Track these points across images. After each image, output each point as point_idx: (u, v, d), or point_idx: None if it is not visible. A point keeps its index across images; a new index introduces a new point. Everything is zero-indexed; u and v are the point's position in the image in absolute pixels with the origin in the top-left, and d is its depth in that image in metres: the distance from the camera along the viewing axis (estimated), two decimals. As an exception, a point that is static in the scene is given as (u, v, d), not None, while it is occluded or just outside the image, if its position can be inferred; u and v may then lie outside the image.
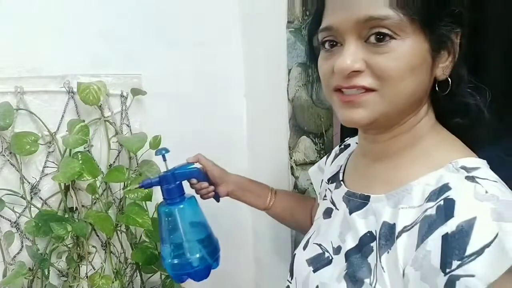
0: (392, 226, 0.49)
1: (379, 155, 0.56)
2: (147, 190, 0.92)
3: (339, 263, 0.55)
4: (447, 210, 0.42)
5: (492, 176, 0.45)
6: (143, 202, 0.96)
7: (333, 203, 0.64)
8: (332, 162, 0.77)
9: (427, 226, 0.43)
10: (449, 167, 0.47)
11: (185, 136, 1.07)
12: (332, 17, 0.51)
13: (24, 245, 0.95)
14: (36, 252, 0.91)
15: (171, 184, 0.79)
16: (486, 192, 0.42)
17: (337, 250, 0.57)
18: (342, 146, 0.77)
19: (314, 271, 0.58)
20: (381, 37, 0.47)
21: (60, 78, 0.94)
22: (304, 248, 0.65)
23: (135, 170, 1.01)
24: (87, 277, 1.00)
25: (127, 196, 0.94)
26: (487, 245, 0.38)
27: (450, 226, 0.41)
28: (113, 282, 0.99)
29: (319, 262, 0.58)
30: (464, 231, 0.39)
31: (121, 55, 0.99)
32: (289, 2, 1.11)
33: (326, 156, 0.83)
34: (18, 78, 0.90)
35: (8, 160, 0.91)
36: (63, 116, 0.95)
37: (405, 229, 0.47)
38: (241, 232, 1.21)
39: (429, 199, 0.46)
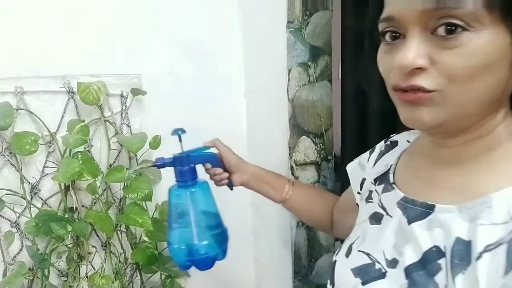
0: (468, 244, 0.42)
1: (447, 160, 0.49)
2: (147, 190, 0.92)
3: (396, 279, 0.48)
4: None
5: None
6: (143, 202, 0.96)
7: (383, 207, 0.56)
8: (377, 160, 0.67)
9: None
10: None
11: (185, 136, 1.07)
12: (395, 5, 0.44)
13: (24, 245, 0.95)
14: (36, 252, 0.91)
15: (185, 166, 0.77)
16: None
17: (393, 263, 0.50)
18: (388, 143, 0.67)
19: (363, 283, 0.51)
20: (452, 29, 0.40)
21: (60, 78, 0.94)
22: (347, 255, 0.58)
23: (135, 170, 1.01)
24: (87, 277, 1.00)
25: (127, 196, 0.94)
26: None
27: None
28: (113, 282, 0.99)
29: (368, 274, 0.51)
30: None
31: (121, 55, 0.99)
32: (289, 2, 1.11)
33: (369, 152, 0.72)
34: (18, 78, 0.90)
35: (8, 160, 0.91)
36: (63, 116, 0.95)
37: (487, 249, 0.40)
38: (241, 232, 1.21)
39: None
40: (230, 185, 0.88)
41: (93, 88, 0.92)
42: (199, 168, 0.82)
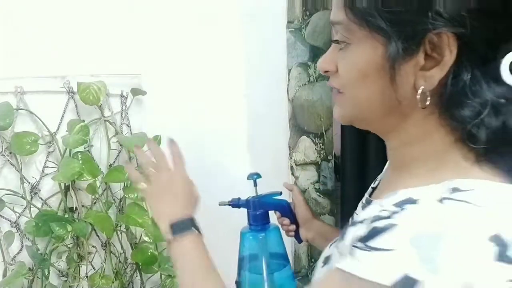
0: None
1: (393, 163, 0.54)
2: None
3: (336, 258, 0.55)
4: (392, 214, 0.41)
5: (483, 199, 0.38)
6: (143, 202, 0.96)
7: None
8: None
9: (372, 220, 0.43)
10: (444, 184, 0.42)
11: (185, 136, 1.07)
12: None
13: (24, 245, 0.95)
14: (36, 252, 0.91)
15: (257, 210, 0.80)
16: (437, 214, 0.38)
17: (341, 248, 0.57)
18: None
19: (323, 265, 0.59)
20: (339, 41, 0.47)
21: (60, 78, 0.94)
22: (330, 246, 0.65)
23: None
24: (87, 277, 1.00)
25: (127, 196, 0.94)
26: (380, 250, 0.38)
27: (380, 222, 0.40)
28: (113, 282, 0.99)
29: (330, 258, 0.58)
30: (384, 228, 0.39)
31: (121, 55, 0.99)
32: (289, 2, 1.11)
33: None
34: (18, 78, 0.90)
35: (8, 160, 0.91)
36: (63, 116, 0.95)
37: (358, 221, 0.46)
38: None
39: (396, 204, 0.42)
40: (298, 238, 0.87)
41: (93, 88, 0.92)
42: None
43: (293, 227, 0.85)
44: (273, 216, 0.86)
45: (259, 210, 0.80)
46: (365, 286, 0.37)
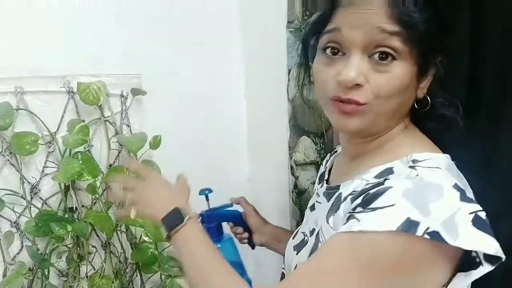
0: (340, 195, 0.58)
1: (355, 154, 0.62)
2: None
3: (311, 242, 0.62)
4: (379, 183, 0.51)
5: (437, 164, 0.52)
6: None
7: (318, 197, 0.70)
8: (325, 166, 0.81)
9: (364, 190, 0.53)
10: (403, 159, 0.54)
11: (185, 136, 1.07)
12: (344, 20, 0.53)
13: (24, 245, 0.94)
14: (36, 252, 0.91)
15: (211, 223, 0.84)
16: (417, 175, 0.50)
17: (312, 232, 0.63)
18: (332, 152, 0.82)
19: (297, 253, 0.65)
20: (384, 56, 0.51)
21: (60, 78, 0.94)
22: (294, 237, 0.71)
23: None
24: (87, 277, 1.00)
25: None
26: (381, 208, 0.48)
27: (375, 189, 0.51)
28: (113, 282, 0.99)
29: (300, 246, 0.65)
30: (378, 193, 0.49)
31: (121, 55, 0.99)
32: (289, 2, 1.11)
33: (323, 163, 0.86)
34: (18, 78, 0.90)
35: (8, 160, 0.91)
36: (63, 116, 0.95)
37: (349, 194, 0.56)
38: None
39: (376, 177, 0.54)
40: (251, 245, 0.92)
41: (93, 88, 0.92)
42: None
43: (246, 235, 0.91)
44: (226, 227, 0.90)
45: (212, 223, 0.84)
46: (372, 237, 0.47)
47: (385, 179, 0.51)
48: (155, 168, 0.99)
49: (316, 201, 0.70)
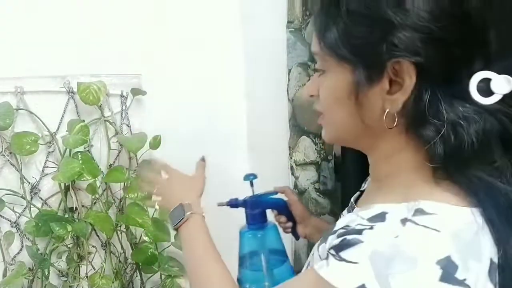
0: (334, 226, 0.54)
1: (373, 175, 0.58)
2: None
3: (309, 258, 0.60)
4: (360, 230, 0.46)
5: (440, 225, 0.43)
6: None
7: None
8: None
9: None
10: (410, 204, 0.45)
11: (185, 136, 1.07)
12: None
13: (24, 245, 0.95)
14: (36, 252, 0.91)
15: (254, 210, 0.82)
16: (396, 237, 0.43)
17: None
18: None
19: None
20: (316, 69, 0.53)
21: (60, 78, 0.94)
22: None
23: (135, 170, 1.01)
24: (87, 277, 1.00)
25: (127, 196, 0.94)
26: (346, 261, 0.44)
27: (351, 236, 0.46)
28: (113, 282, 0.99)
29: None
30: (351, 243, 0.44)
31: (121, 55, 0.99)
32: (289, 2, 1.11)
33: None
34: (18, 78, 0.90)
35: (8, 160, 0.91)
36: (63, 116, 0.95)
37: (337, 229, 0.50)
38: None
39: (369, 219, 0.47)
40: (295, 235, 0.89)
41: (93, 88, 0.92)
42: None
43: (290, 224, 0.87)
44: (271, 214, 0.87)
45: (256, 209, 0.82)
46: None
47: (371, 227, 0.45)
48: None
49: (341, 214, 0.67)
